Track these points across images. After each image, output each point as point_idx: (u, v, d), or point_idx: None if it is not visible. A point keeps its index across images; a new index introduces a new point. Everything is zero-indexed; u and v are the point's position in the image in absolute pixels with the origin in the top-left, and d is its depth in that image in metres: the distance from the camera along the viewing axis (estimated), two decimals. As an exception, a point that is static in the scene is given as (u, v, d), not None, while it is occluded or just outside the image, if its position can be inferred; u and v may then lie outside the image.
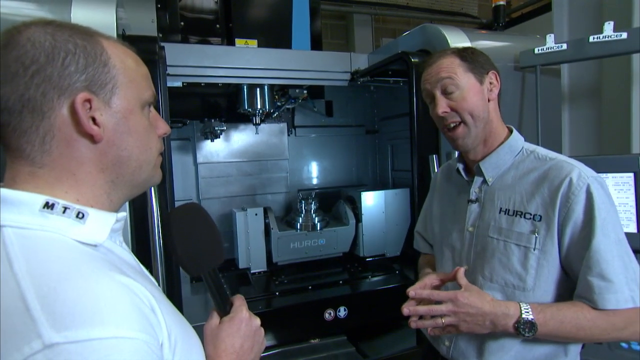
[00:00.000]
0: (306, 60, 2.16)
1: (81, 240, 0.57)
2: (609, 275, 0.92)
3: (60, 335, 0.44)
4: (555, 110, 2.03)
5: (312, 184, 2.97)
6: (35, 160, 0.58)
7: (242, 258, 2.33)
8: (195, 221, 0.75)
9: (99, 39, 0.61)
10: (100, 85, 0.59)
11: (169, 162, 1.47)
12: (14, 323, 0.44)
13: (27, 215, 0.55)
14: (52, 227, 0.55)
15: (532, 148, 1.12)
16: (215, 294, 0.77)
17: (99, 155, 0.61)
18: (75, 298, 0.47)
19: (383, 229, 2.49)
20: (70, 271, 0.50)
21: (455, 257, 1.18)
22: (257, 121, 2.33)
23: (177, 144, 2.55)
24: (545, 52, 1.81)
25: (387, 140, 2.93)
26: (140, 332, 0.49)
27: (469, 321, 0.96)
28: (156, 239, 1.36)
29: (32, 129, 0.56)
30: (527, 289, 1.01)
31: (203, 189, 2.58)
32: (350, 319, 2.03)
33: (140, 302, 0.53)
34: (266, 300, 2.02)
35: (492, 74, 1.09)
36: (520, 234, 1.03)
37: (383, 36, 4.68)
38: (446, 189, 1.28)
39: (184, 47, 1.99)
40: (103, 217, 0.61)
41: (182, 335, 0.60)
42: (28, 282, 0.47)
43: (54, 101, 0.56)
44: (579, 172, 0.98)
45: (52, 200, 0.56)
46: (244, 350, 0.74)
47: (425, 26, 1.91)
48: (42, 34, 0.57)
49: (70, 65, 0.57)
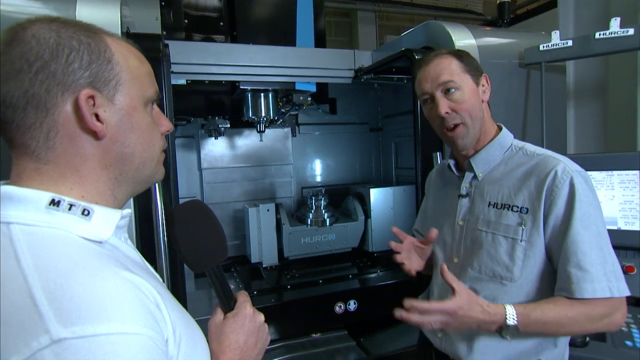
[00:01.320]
0: (310, 57, 2.16)
1: (87, 237, 0.57)
2: (586, 266, 0.95)
3: (67, 330, 0.44)
4: (560, 108, 2.02)
5: (316, 182, 2.98)
6: (40, 157, 0.58)
7: (254, 253, 2.38)
8: (198, 218, 0.75)
9: (103, 36, 0.62)
10: (104, 82, 0.60)
11: (173, 160, 1.47)
12: (22, 318, 0.45)
13: (34, 212, 0.55)
14: (58, 224, 0.55)
15: (520, 144, 1.15)
16: (219, 291, 0.77)
17: (102, 151, 0.61)
18: (82, 294, 0.47)
19: (391, 225, 2.50)
20: (76, 267, 0.51)
21: (446, 251, 1.22)
22: (261, 128, 2.34)
23: (181, 141, 2.57)
24: (550, 48, 1.80)
25: (391, 137, 2.93)
26: (146, 328, 0.50)
27: (458, 326, 0.98)
28: (160, 236, 1.37)
29: (36, 125, 0.57)
30: (514, 279, 1.05)
31: (208, 194, 2.61)
32: (359, 312, 2.07)
33: (145, 298, 0.53)
34: (278, 294, 2.07)
35: (484, 76, 1.14)
36: (508, 226, 1.06)
37: (387, 33, 4.68)
38: (440, 185, 1.33)
39: (187, 45, 1.99)
40: (108, 214, 0.61)
41: (186, 331, 0.61)
42: (35, 278, 0.48)
43: (58, 97, 0.57)
44: (563, 166, 1.01)
45: (57, 197, 0.56)
46: (248, 346, 0.75)
47: (428, 23, 1.90)
48: (46, 30, 0.57)
49: (75, 61, 0.57)
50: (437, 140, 1.75)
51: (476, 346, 1.09)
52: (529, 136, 1.84)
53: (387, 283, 2.19)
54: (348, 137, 3.01)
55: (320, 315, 2.03)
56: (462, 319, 0.96)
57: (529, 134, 1.85)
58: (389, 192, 2.53)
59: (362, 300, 2.08)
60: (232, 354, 0.72)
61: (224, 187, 2.66)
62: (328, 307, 2.01)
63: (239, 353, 0.73)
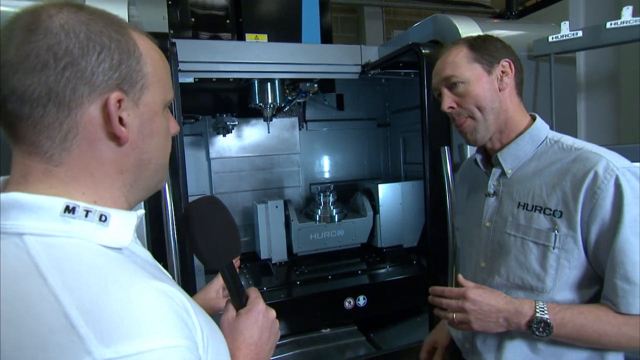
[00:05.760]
0: (316, 53, 2.15)
1: (106, 245, 0.54)
2: (634, 278, 0.85)
3: (110, 350, 0.43)
4: (570, 100, 1.98)
5: (324, 178, 2.98)
6: (53, 158, 0.54)
7: (263, 249, 2.40)
8: (214, 214, 0.75)
9: (130, 32, 0.58)
10: (131, 84, 0.56)
11: (182, 159, 1.48)
12: (61, 341, 0.42)
13: (48, 221, 0.51)
14: (76, 233, 0.52)
15: (557, 137, 1.03)
16: (232, 287, 0.77)
17: (120, 156, 0.58)
18: (120, 311, 0.46)
19: (400, 220, 2.54)
20: (107, 282, 0.48)
21: (473, 254, 1.13)
22: (267, 115, 2.34)
23: (190, 139, 2.58)
24: (559, 40, 1.77)
25: (399, 133, 2.92)
26: (183, 339, 0.49)
27: (481, 318, 0.92)
28: (171, 234, 1.38)
29: (55, 125, 0.53)
30: (546, 290, 0.95)
31: (216, 184, 2.62)
32: (369, 308, 2.07)
33: (177, 307, 0.52)
34: (287, 289, 2.08)
35: (505, 61, 1.03)
36: (539, 231, 0.96)
37: (394, 28, 4.64)
38: (470, 180, 1.24)
39: (195, 43, 2.00)
40: (125, 218, 0.58)
41: (211, 333, 0.60)
42: (67, 297, 0.45)
43: (84, 98, 0.53)
44: (606, 164, 0.89)
45: (72, 203, 0.52)
46: (263, 340, 0.75)
47: (436, 16, 1.88)
48: (76, 22, 0.52)
49: (105, 61, 0.53)
50: (445, 134, 1.75)
51: (505, 358, 1.01)
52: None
53: (397, 278, 2.19)
54: (356, 133, 3.00)
55: (329, 311, 2.04)
56: (483, 307, 0.92)
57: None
58: (397, 187, 2.52)
59: (372, 295, 2.08)
60: (247, 350, 0.72)
61: (232, 176, 2.67)
62: (337, 302, 2.02)
63: (254, 348, 0.73)
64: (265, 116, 2.36)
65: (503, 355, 1.01)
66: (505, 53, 1.05)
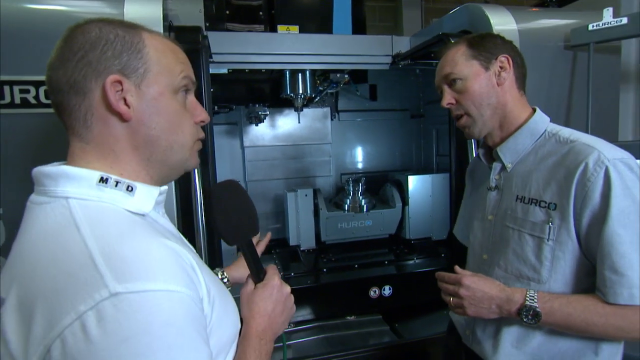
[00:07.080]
0: (346, 44, 2.17)
1: (131, 210, 0.66)
2: (622, 269, 0.86)
3: (121, 286, 0.52)
4: (611, 94, 1.88)
5: (356, 168, 3.00)
6: (83, 137, 0.67)
7: (292, 236, 2.47)
8: (233, 196, 0.83)
9: (140, 32, 0.70)
10: (133, 69, 0.67)
11: (211, 146, 1.56)
12: (86, 275, 0.53)
13: (87, 188, 0.64)
14: (107, 199, 0.64)
15: (555, 130, 1.04)
16: (251, 263, 0.86)
17: (131, 133, 0.68)
18: (133, 256, 0.56)
19: (429, 213, 2.52)
20: (125, 234, 0.59)
21: (476, 247, 1.18)
22: (298, 105, 2.39)
23: (225, 128, 2.68)
24: (600, 28, 1.68)
25: (432, 124, 2.88)
26: (185, 287, 0.58)
27: (474, 304, 0.97)
28: (199, 216, 1.48)
29: (77, 107, 0.66)
30: (543, 281, 0.98)
31: (249, 172, 2.71)
32: (394, 298, 2.09)
33: (183, 262, 0.62)
34: (314, 276, 2.14)
35: (503, 57, 1.05)
36: (534, 224, 0.99)
37: (434, 17, 4.53)
38: (476, 175, 1.28)
39: (228, 35, 2.07)
40: (148, 190, 0.70)
41: (219, 294, 0.70)
42: (93, 242, 0.56)
43: (92, 82, 0.65)
44: (597, 155, 0.90)
45: (105, 175, 0.65)
46: (276, 313, 0.84)
47: (467, 6, 1.84)
48: (93, 27, 0.66)
49: (107, 51, 0.65)
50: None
51: (500, 347, 1.05)
52: (574, 124, 1.74)
53: (423, 270, 2.18)
54: (389, 124, 2.99)
55: (354, 299, 2.08)
56: (476, 293, 0.97)
57: (573, 121, 1.76)
58: (428, 179, 2.50)
59: (397, 286, 2.09)
60: (261, 319, 0.81)
61: (265, 164, 2.74)
62: (363, 291, 2.05)
63: (267, 319, 0.82)
64: (296, 106, 2.40)
65: (500, 342, 1.05)
66: (504, 49, 1.06)
